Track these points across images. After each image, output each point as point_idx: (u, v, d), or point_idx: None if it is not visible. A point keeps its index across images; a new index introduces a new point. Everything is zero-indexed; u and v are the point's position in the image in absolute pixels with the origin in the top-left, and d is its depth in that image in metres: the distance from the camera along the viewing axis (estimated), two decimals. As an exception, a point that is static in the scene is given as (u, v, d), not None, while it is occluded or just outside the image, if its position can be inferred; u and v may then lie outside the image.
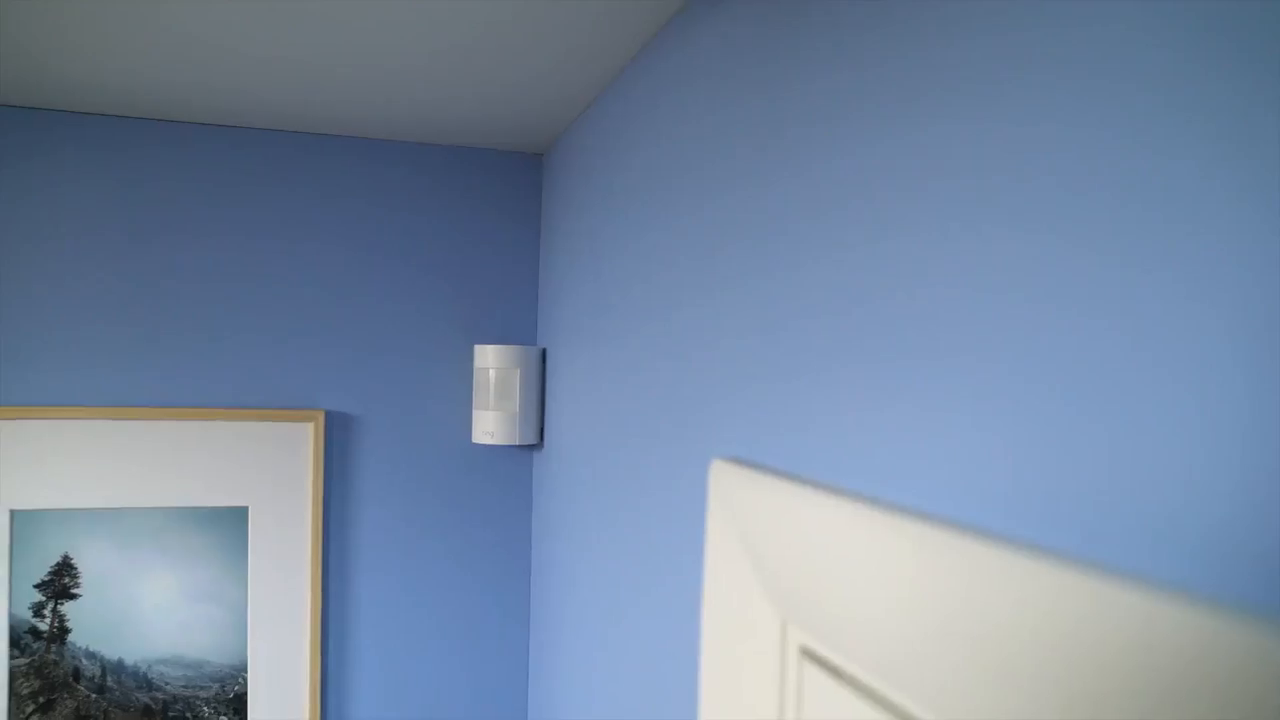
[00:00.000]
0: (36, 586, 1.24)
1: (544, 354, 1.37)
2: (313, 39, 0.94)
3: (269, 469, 1.32)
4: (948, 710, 0.38)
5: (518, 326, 1.43)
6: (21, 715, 1.23)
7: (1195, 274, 0.29)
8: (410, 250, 1.38)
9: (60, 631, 1.25)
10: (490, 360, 1.33)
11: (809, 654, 0.52)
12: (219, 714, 1.31)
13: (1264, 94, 0.27)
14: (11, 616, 1.23)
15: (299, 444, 1.33)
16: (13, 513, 1.23)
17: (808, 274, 0.56)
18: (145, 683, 1.28)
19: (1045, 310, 0.36)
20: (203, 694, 1.30)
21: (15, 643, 1.23)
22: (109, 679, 1.27)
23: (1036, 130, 0.36)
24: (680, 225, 0.79)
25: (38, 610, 1.24)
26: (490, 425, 1.33)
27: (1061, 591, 0.32)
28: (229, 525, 1.31)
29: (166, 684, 1.29)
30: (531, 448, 1.44)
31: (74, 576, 1.25)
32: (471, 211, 1.41)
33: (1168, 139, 0.30)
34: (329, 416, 1.35)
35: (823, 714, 0.50)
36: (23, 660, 1.23)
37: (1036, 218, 0.36)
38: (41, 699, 1.24)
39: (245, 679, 1.31)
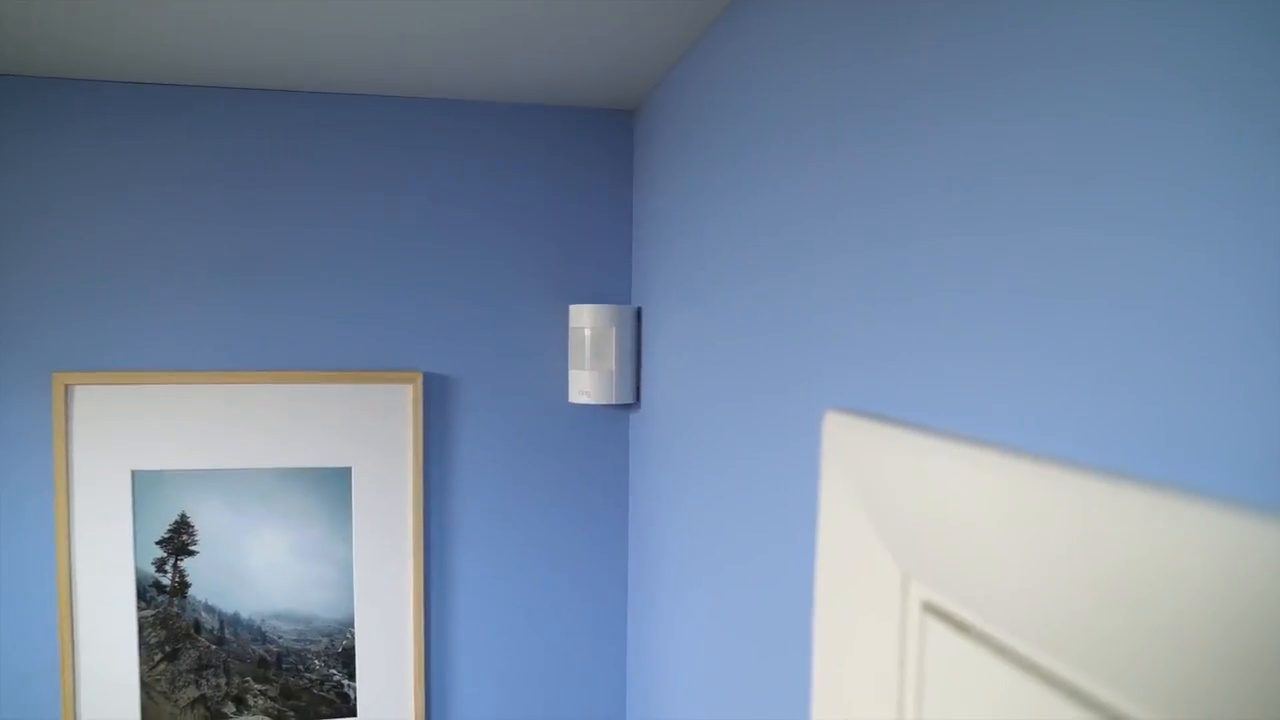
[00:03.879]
0: (158, 543, 1.29)
1: (639, 312, 1.35)
2: (404, 3, 0.93)
3: (370, 430, 1.34)
4: (1093, 666, 0.35)
5: (612, 285, 1.42)
6: (151, 662, 1.30)
7: None
8: (504, 211, 1.38)
9: (181, 586, 1.30)
10: (585, 320, 1.32)
11: (932, 609, 0.49)
12: (329, 667, 1.35)
13: None
14: (137, 571, 1.28)
15: (399, 405, 1.35)
16: (134, 473, 1.28)
17: (923, 229, 0.52)
18: (260, 636, 1.33)
19: (1177, 251, 0.31)
20: (313, 648, 1.34)
21: (142, 595, 1.29)
22: (226, 631, 1.32)
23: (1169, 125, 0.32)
24: (789, 183, 0.75)
25: (160, 566, 1.29)
26: (586, 385, 1.32)
27: (1221, 536, 0.29)
28: (333, 485, 1.34)
29: (279, 637, 1.33)
30: (628, 407, 1.43)
31: (191, 534, 1.30)
32: (564, 171, 1.39)
33: None
34: (427, 378, 1.37)
35: (948, 671, 0.47)
36: (149, 612, 1.29)
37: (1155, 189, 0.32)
38: (167, 648, 1.30)
39: (353, 634, 1.35)
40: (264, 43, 1.09)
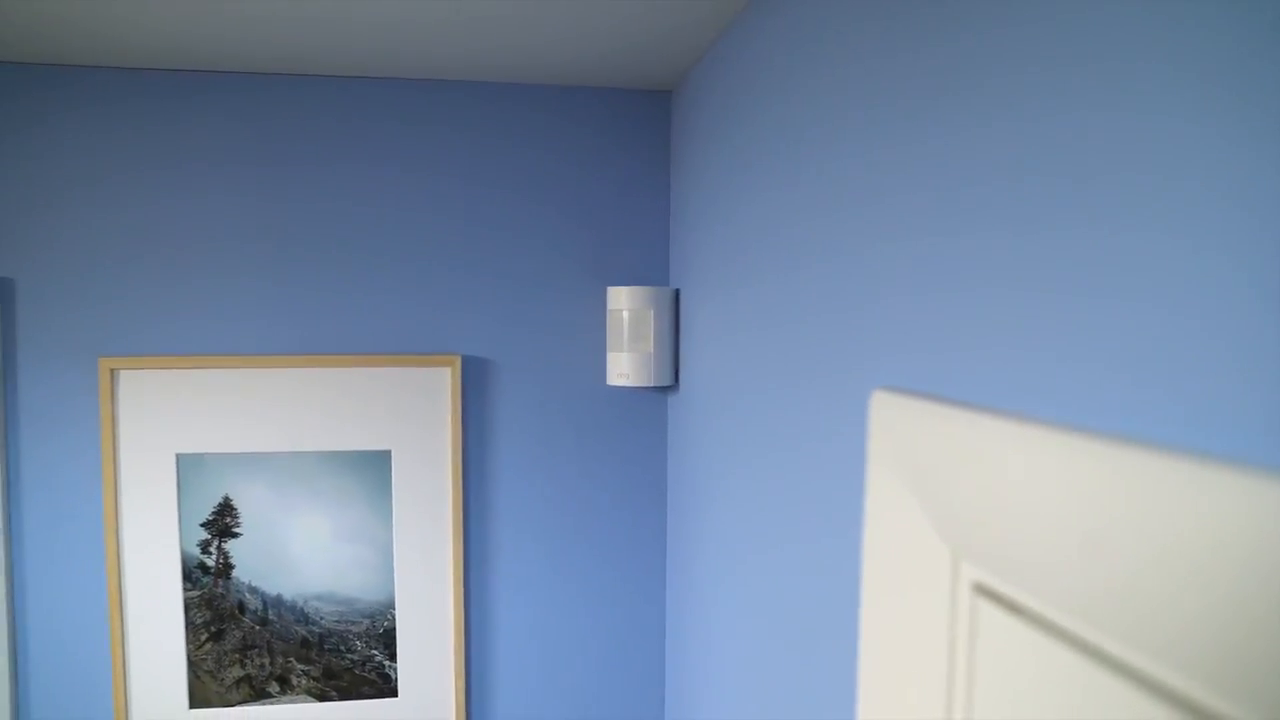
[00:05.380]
0: (202, 525, 1.31)
1: (677, 294, 1.34)
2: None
3: (409, 414, 1.35)
4: (1150, 645, 0.34)
5: (650, 267, 1.40)
6: (197, 642, 1.32)
7: None
8: (541, 194, 1.37)
9: (225, 567, 1.32)
10: (623, 302, 1.31)
11: (983, 590, 0.48)
12: (370, 648, 1.36)
13: None
14: (182, 552, 1.30)
15: (437, 389, 1.35)
16: (178, 456, 1.30)
17: (971, 212, 0.50)
18: (302, 617, 1.34)
19: (1223, 237, 0.30)
20: (354, 629, 1.36)
21: (187, 576, 1.31)
22: (270, 612, 1.33)
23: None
24: (834, 165, 0.73)
25: (204, 547, 1.31)
26: (624, 367, 1.32)
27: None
28: (373, 468, 1.34)
29: (321, 618, 1.35)
30: (666, 389, 1.42)
31: (234, 516, 1.32)
32: (600, 152, 1.38)
33: None
34: (466, 361, 1.37)
35: (1000, 653, 0.46)
36: (195, 593, 1.31)
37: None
38: (213, 628, 1.32)
39: (394, 616, 1.36)
40: (304, 28, 1.09)
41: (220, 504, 1.31)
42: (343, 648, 1.36)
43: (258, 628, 1.33)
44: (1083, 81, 0.43)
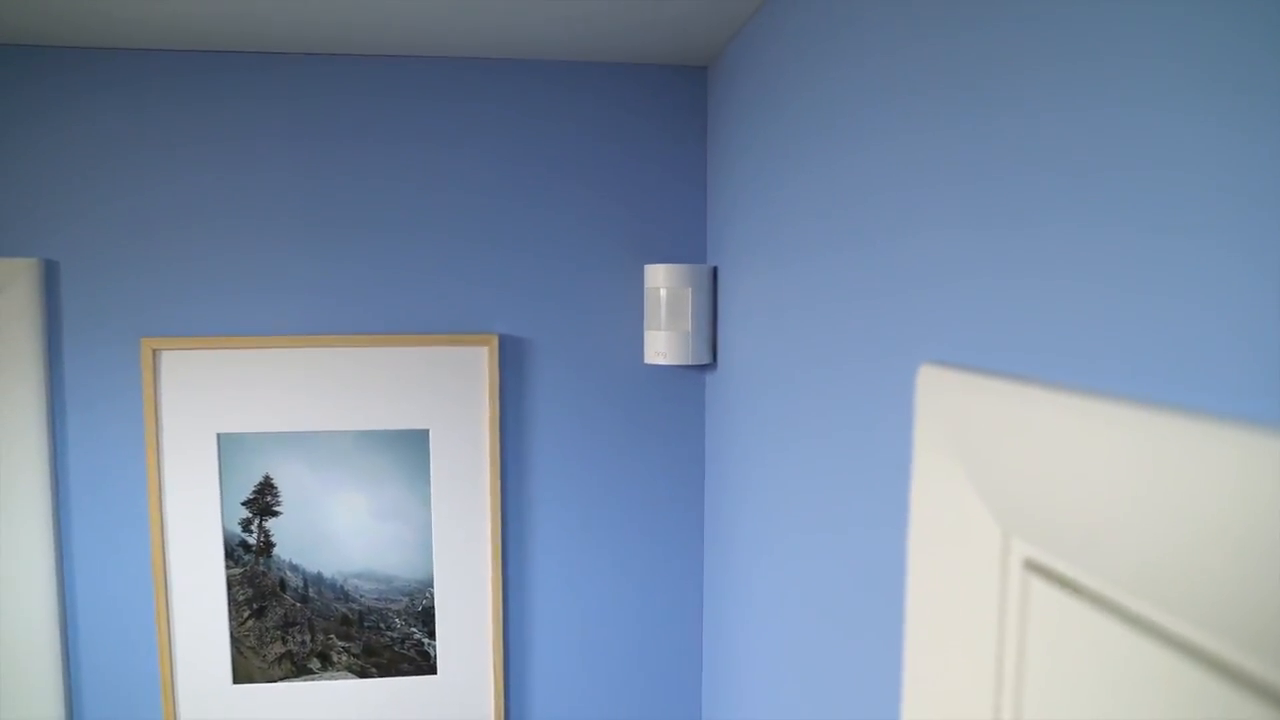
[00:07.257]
0: (244, 504, 1.32)
1: (715, 272, 1.32)
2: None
3: (447, 393, 1.35)
4: (1213, 622, 0.33)
5: (687, 245, 1.39)
6: (240, 619, 1.33)
7: None
8: (577, 172, 1.36)
9: (266, 545, 1.33)
10: (661, 280, 1.30)
11: (1035, 567, 0.46)
12: (409, 626, 1.37)
13: None
14: (224, 531, 1.32)
15: (475, 368, 1.35)
16: (219, 435, 1.31)
17: (1015, 186, 0.48)
18: (342, 594, 1.35)
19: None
20: (393, 607, 1.36)
21: (230, 554, 1.32)
22: (310, 590, 1.35)
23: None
24: (883, 144, 0.71)
25: (246, 526, 1.32)
26: (662, 345, 1.30)
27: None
28: (412, 447, 1.35)
29: (361, 596, 1.36)
30: (704, 367, 1.41)
31: (275, 495, 1.33)
32: (636, 129, 1.37)
33: None
34: (503, 340, 1.37)
35: (1052, 630, 0.45)
36: (237, 570, 1.33)
37: None
38: (255, 605, 1.34)
39: (432, 594, 1.37)
40: (340, 6, 1.09)
41: (261, 483, 1.33)
42: (382, 625, 1.37)
43: (298, 605, 1.35)
44: (1139, 77, 0.40)
